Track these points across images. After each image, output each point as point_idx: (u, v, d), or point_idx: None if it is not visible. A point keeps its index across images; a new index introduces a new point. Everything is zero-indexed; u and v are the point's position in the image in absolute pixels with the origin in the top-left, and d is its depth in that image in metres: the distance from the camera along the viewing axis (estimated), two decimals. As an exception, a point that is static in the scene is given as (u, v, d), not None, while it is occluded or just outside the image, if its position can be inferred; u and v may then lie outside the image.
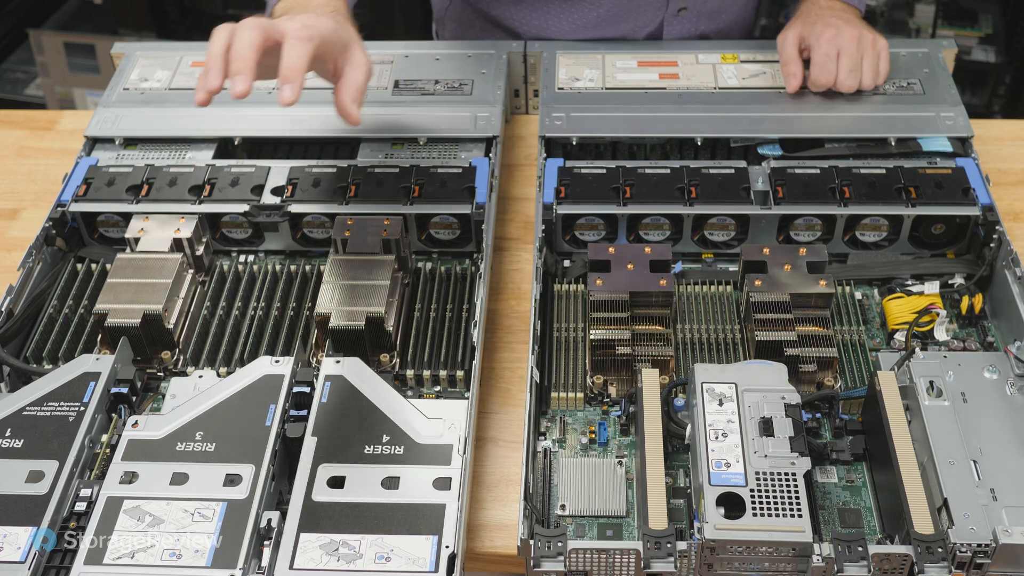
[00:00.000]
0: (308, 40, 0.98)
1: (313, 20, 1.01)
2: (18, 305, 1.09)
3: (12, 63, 2.93)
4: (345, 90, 1.03)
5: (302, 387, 0.97)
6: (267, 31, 0.98)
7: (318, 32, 1.00)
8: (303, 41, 0.97)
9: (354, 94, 1.03)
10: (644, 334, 1.04)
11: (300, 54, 0.97)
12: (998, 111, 2.55)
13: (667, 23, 1.41)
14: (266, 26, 0.98)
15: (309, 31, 0.99)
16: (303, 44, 0.97)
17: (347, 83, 1.04)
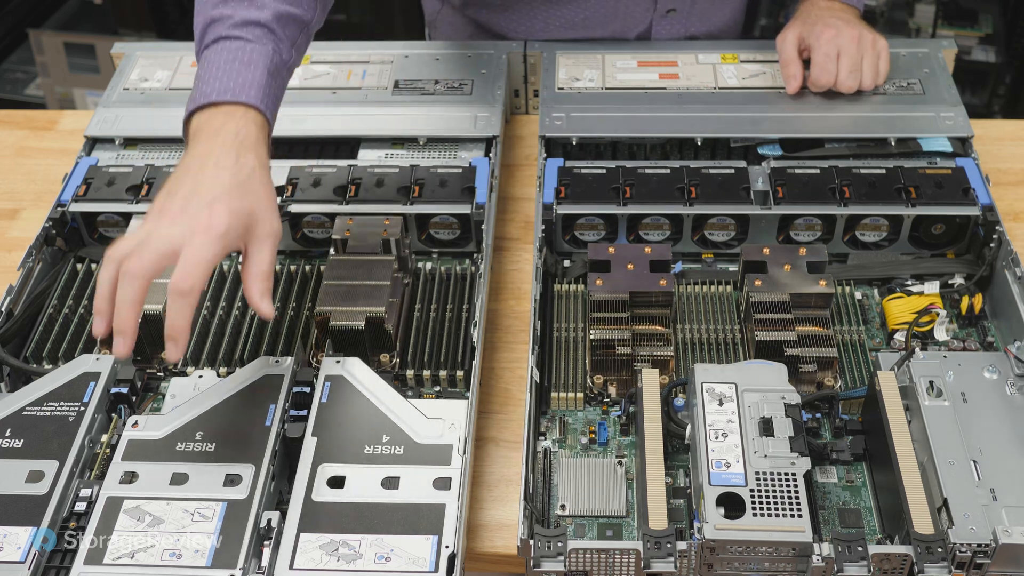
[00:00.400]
0: (190, 292, 0.84)
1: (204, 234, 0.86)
2: (18, 305, 1.09)
3: (12, 63, 2.93)
4: (251, 283, 0.89)
5: (302, 387, 0.97)
6: (148, 277, 0.85)
7: (206, 260, 0.85)
8: (183, 296, 0.84)
9: (261, 286, 0.89)
10: (644, 334, 1.04)
11: (182, 314, 0.85)
12: (998, 111, 2.55)
13: (656, 24, 1.41)
14: (148, 271, 0.85)
15: (191, 277, 0.84)
16: (183, 300, 0.84)
17: (251, 274, 0.89)
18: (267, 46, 0.99)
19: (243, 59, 0.97)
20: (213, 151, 0.91)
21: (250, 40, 0.98)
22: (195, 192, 0.88)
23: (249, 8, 0.99)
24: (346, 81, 1.34)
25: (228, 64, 0.96)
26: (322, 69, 1.36)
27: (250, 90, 0.95)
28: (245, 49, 0.97)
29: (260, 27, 0.99)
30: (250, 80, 0.95)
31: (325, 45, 1.41)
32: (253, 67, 0.96)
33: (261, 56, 0.97)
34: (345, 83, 1.34)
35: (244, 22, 0.98)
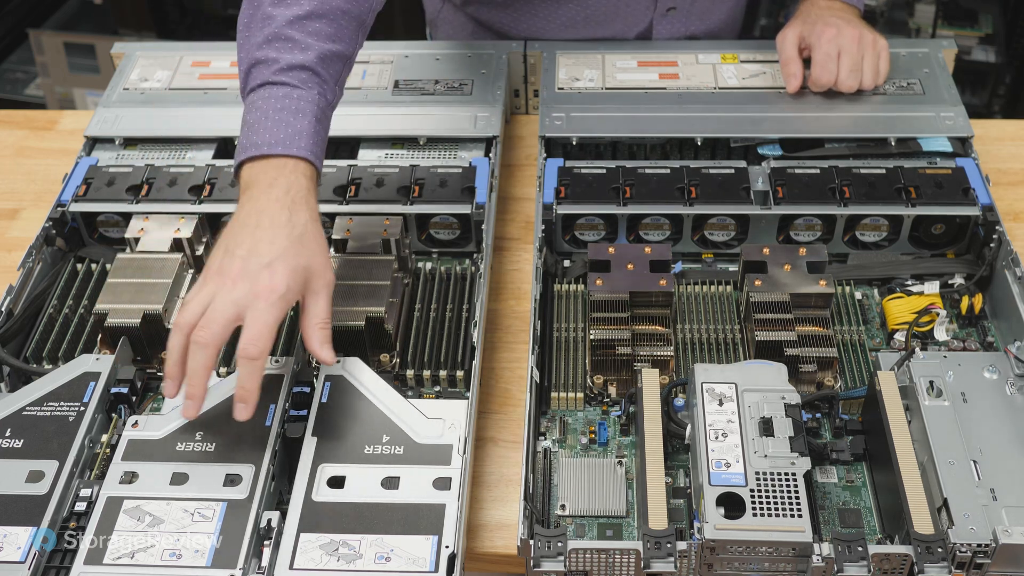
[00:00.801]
0: (259, 357, 0.88)
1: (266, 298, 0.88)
2: (18, 305, 1.09)
3: (12, 63, 2.93)
4: (311, 333, 0.92)
5: (302, 387, 0.97)
6: (218, 346, 0.88)
7: (270, 324, 0.88)
8: (253, 361, 0.88)
9: (320, 335, 0.92)
10: (644, 334, 1.04)
11: (252, 377, 0.88)
12: (998, 111, 2.55)
13: (656, 23, 1.41)
14: (217, 339, 0.88)
15: (258, 343, 0.87)
16: (253, 365, 0.88)
17: (310, 324, 0.92)
18: (313, 91, 0.98)
19: (291, 108, 0.97)
20: (268, 208, 0.92)
21: (297, 86, 0.98)
22: (253, 252, 0.90)
23: (294, 51, 0.99)
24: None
25: (277, 114, 0.96)
26: (322, 69, 1.36)
27: (300, 141, 0.96)
28: (292, 96, 0.97)
29: (305, 71, 0.98)
30: (299, 130, 0.96)
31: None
32: (301, 116, 0.97)
33: (308, 104, 0.98)
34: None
35: (290, 67, 0.98)
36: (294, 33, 0.99)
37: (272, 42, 0.99)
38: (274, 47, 0.99)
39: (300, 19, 0.99)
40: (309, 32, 0.99)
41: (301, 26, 0.99)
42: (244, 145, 0.97)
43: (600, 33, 1.42)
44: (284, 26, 0.99)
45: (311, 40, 0.99)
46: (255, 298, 0.88)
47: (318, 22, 1.00)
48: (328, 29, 1.01)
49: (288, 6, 1.00)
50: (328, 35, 1.00)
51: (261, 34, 0.99)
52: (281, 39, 0.99)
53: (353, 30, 1.03)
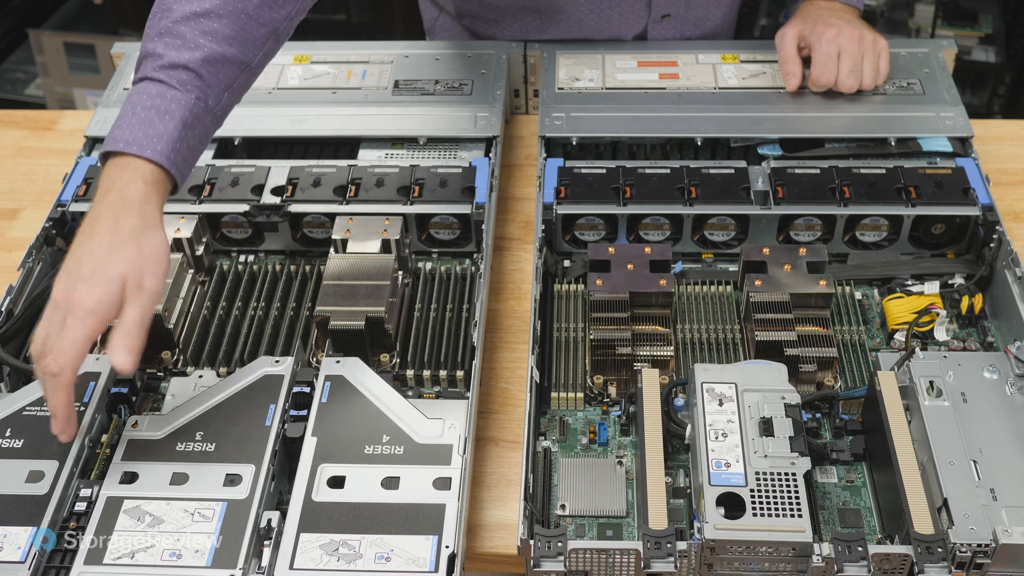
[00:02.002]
0: (60, 373, 0.85)
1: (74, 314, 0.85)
2: (18, 305, 1.09)
3: (12, 63, 2.93)
4: (111, 336, 0.87)
5: (302, 387, 0.97)
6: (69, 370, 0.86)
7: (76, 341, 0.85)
8: (54, 378, 0.85)
9: (120, 340, 0.86)
10: (644, 334, 1.04)
11: (57, 393, 0.86)
12: (998, 111, 2.55)
13: (651, 29, 1.41)
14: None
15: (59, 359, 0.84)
16: (55, 381, 0.85)
17: (114, 328, 0.87)
18: (190, 95, 0.94)
19: (159, 108, 0.93)
20: (100, 214, 0.89)
21: (173, 87, 0.94)
22: (78, 265, 0.88)
23: (180, 49, 0.94)
24: (346, 81, 1.34)
25: (144, 112, 0.92)
26: (322, 69, 1.36)
27: (157, 144, 0.92)
28: (165, 96, 0.93)
29: (187, 72, 0.94)
30: (160, 132, 0.92)
31: (325, 45, 1.41)
32: (168, 118, 0.93)
33: (179, 107, 0.93)
34: (345, 83, 1.34)
35: (172, 65, 0.94)
36: (186, 30, 0.95)
37: (163, 36, 0.95)
38: (163, 42, 0.95)
39: (196, 16, 0.95)
40: (203, 31, 0.95)
41: (196, 23, 0.95)
42: (108, 138, 0.93)
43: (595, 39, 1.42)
44: (178, 21, 0.95)
45: (202, 40, 0.95)
46: (68, 313, 0.85)
47: (216, 22, 0.96)
48: (226, 31, 0.96)
49: (189, 1, 0.96)
50: (225, 37, 0.96)
51: (157, 25, 0.96)
52: (171, 35, 0.95)
53: (260, 37, 0.99)
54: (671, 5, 1.39)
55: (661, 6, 1.38)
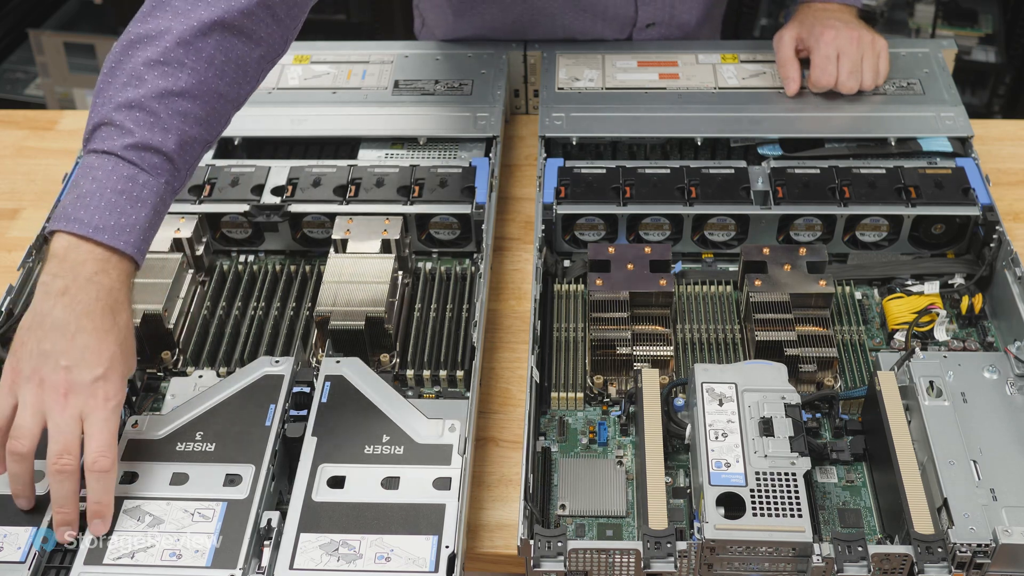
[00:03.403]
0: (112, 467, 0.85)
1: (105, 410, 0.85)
2: (18, 305, 1.09)
3: (12, 63, 2.93)
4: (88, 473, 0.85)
5: (302, 387, 0.97)
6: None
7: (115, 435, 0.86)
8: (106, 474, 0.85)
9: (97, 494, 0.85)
10: (644, 334, 1.04)
11: (108, 489, 0.85)
12: (998, 111, 2.55)
13: (636, 36, 1.41)
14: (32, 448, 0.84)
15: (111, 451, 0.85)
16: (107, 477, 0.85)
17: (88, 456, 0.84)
18: (161, 179, 0.89)
19: (132, 193, 0.88)
20: (91, 310, 0.85)
21: (145, 170, 0.89)
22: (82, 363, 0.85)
23: (154, 129, 0.88)
24: (346, 81, 1.34)
25: (115, 195, 0.87)
26: (322, 69, 1.36)
27: (130, 236, 0.87)
28: (137, 181, 0.88)
29: (160, 156, 0.89)
30: (133, 222, 0.88)
31: (325, 45, 1.41)
32: (140, 206, 0.88)
33: (151, 193, 0.89)
34: (345, 83, 1.34)
35: (144, 146, 0.88)
36: (160, 109, 0.89)
37: (132, 109, 0.88)
38: (133, 116, 0.88)
39: (172, 95, 0.89)
40: (176, 112, 0.89)
41: (171, 103, 0.89)
42: (68, 215, 0.87)
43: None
44: (151, 97, 0.89)
45: (176, 122, 0.89)
46: (92, 411, 0.84)
47: (190, 103, 0.90)
48: (199, 112, 0.91)
49: (164, 76, 0.89)
50: (197, 118, 0.91)
51: (124, 94, 0.89)
52: (143, 110, 0.88)
53: (226, 114, 0.95)
54: (656, 13, 1.39)
55: (647, 14, 1.38)
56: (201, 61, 0.91)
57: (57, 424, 0.84)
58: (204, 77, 0.91)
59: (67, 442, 0.83)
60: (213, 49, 0.92)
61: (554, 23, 1.39)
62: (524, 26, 1.40)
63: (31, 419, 0.84)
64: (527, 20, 1.39)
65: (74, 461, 0.84)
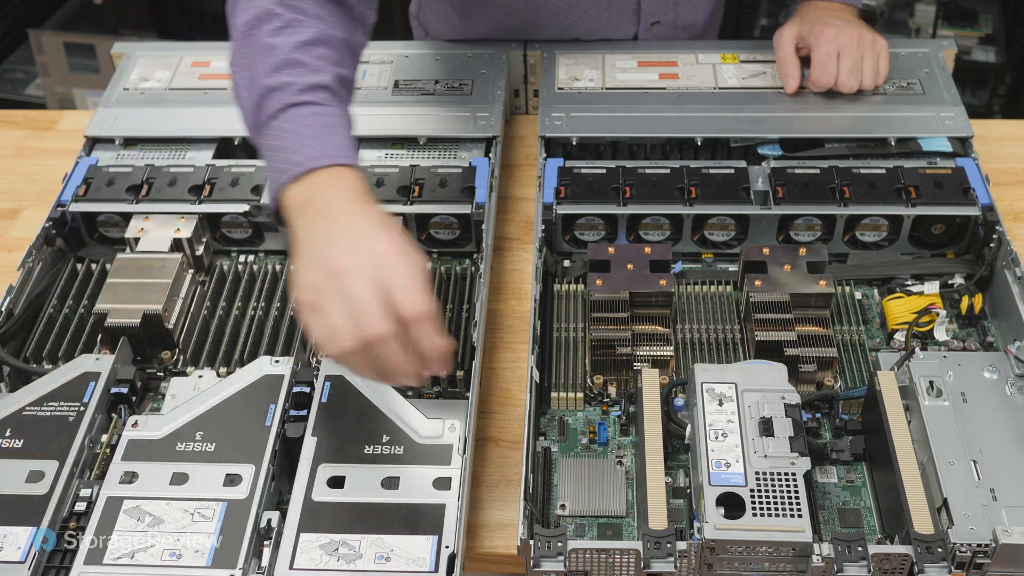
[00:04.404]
0: (427, 311, 0.80)
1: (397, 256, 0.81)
2: (18, 305, 1.09)
3: (12, 63, 2.93)
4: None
5: (302, 387, 0.97)
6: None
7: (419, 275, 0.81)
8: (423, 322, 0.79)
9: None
10: (644, 334, 1.04)
11: (432, 335, 0.80)
12: (998, 111, 2.55)
13: (641, 36, 1.41)
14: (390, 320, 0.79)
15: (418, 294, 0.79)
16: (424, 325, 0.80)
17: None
18: (336, 108, 0.94)
19: (323, 123, 0.91)
20: (344, 209, 0.85)
21: (322, 103, 0.93)
22: (345, 234, 0.83)
23: (307, 74, 0.93)
24: (346, 81, 1.34)
25: (309, 129, 0.90)
26: (322, 69, 1.36)
27: (343, 152, 0.90)
28: (320, 113, 0.92)
29: (326, 90, 0.94)
30: (337, 143, 0.91)
31: (325, 45, 1.41)
32: (336, 129, 0.92)
33: (338, 119, 0.93)
34: (345, 83, 1.34)
35: (309, 87, 0.93)
36: (303, 57, 0.94)
37: (282, 68, 0.93)
38: (285, 73, 0.93)
39: (305, 45, 0.95)
40: (317, 56, 0.95)
41: (308, 51, 0.95)
42: (280, 168, 0.89)
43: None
44: (291, 51, 0.94)
45: (321, 63, 0.95)
46: (381, 259, 0.80)
47: (323, 48, 0.96)
48: (334, 55, 0.97)
49: (289, 34, 0.95)
50: (334, 60, 0.96)
51: (267, 63, 0.94)
52: (291, 64, 0.94)
53: (352, 59, 1.00)
54: (661, 12, 1.39)
55: (651, 13, 1.38)
56: (309, 17, 0.97)
57: (356, 299, 0.79)
58: (319, 28, 0.96)
59: (365, 310, 0.78)
60: (314, 7, 0.98)
61: (559, 23, 1.39)
62: (529, 27, 1.40)
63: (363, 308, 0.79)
64: (532, 21, 1.39)
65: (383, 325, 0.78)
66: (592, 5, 1.36)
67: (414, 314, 0.79)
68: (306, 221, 0.86)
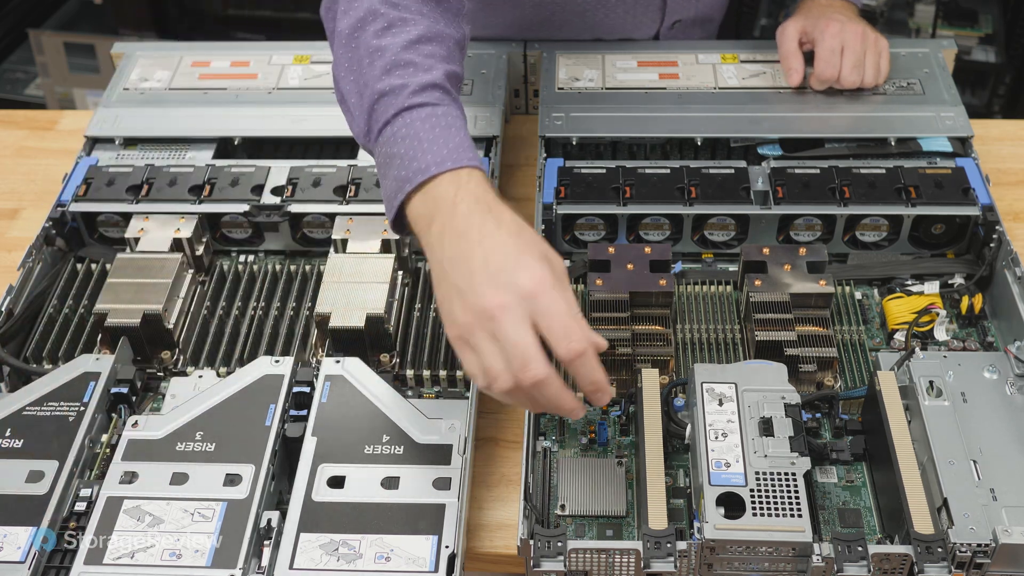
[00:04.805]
0: (582, 348, 0.78)
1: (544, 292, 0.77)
2: (18, 305, 1.09)
3: (12, 63, 2.93)
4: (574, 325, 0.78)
5: (302, 387, 0.97)
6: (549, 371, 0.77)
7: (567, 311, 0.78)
8: (581, 357, 0.78)
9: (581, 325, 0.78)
10: (644, 334, 1.04)
11: (593, 369, 0.79)
12: (998, 111, 2.55)
13: (663, 35, 1.42)
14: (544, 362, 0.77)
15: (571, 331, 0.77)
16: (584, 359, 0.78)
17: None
18: (451, 107, 0.92)
19: (441, 124, 0.89)
20: (469, 225, 0.82)
21: (436, 104, 0.91)
22: (487, 266, 0.79)
23: (418, 73, 0.92)
24: (346, 81, 1.34)
25: (428, 133, 0.88)
26: (322, 69, 1.36)
27: (465, 153, 0.88)
28: (436, 114, 0.90)
29: (438, 89, 0.92)
30: (459, 143, 0.88)
31: (325, 45, 1.40)
32: (454, 130, 0.89)
33: (455, 118, 0.91)
34: (345, 83, 1.34)
35: (421, 87, 0.91)
36: (413, 56, 0.93)
37: (393, 70, 0.92)
38: (396, 75, 0.91)
39: (414, 43, 0.94)
40: (426, 55, 0.94)
41: (417, 50, 0.94)
42: (404, 177, 0.87)
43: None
44: (401, 51, 0.93)
45: (431, 61, 0.93)
46: (531, 299, 0.77)
47: (430, 45, 0.95)
48: (441, 51, 0.95)
49: (395, 34, 0.94)
50: (443, 56, 0.95)
51: (376, 67, 0.92)
52: (401, 65, 0.92)
53: (460, 52, 0.99)
54: (682, 10, 1.39)
55: (676, 10, 1.39)
56: (414, 14, 0.96)
57: (508, 339, 0.77)
58: (425, 24, 0.96)
59: (519, 353, 0.76)
60: (416, 3, 0.97)
61: (584, 20, 1.39)
62: (553, 24, 1.40)
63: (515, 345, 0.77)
64: (557, 18, 1.39)
65: (539, 368, 0.77)
66: (619, 1, 1.36)
67: (571, 356, 0.77)
68: (439, 241, 0.83)
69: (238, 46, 1.43)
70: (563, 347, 0.77)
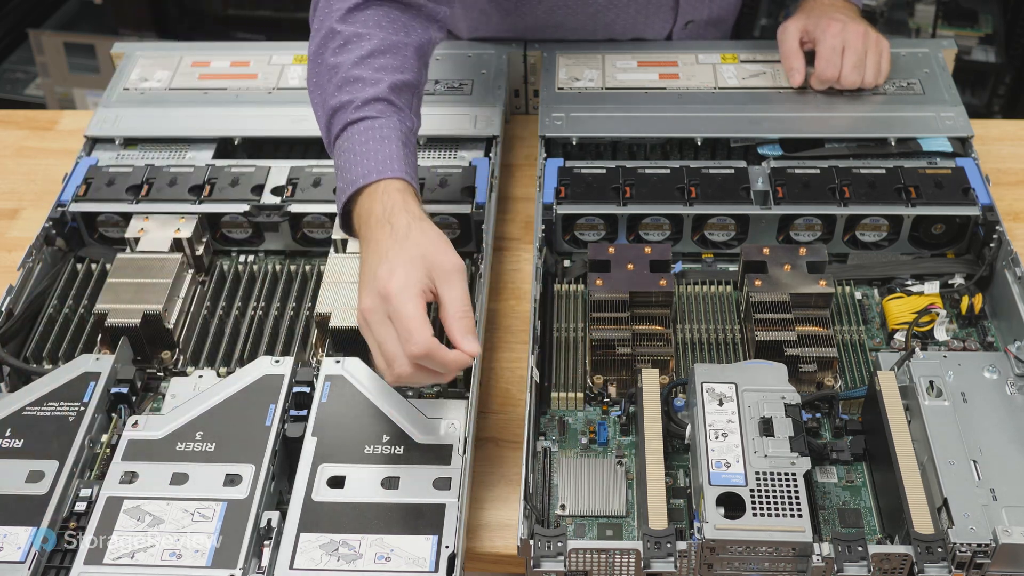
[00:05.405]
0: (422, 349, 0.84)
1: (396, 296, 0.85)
2: (18, 305, 1.09)
3: (12, 63, 2.92)
4: (452, 325, 0.86)
5: (302, 387, 0.97)
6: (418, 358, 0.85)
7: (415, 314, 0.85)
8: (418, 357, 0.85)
9: (460, 325, 0.86)
10: (644, 334, 1.04)
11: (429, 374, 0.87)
12: (998, 111, 2.55)
13: (676, 36, 1.42)
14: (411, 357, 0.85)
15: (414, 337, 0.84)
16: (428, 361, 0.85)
17: (448, 316, 0.86)
18: (392, 118, 0.99)
19: (375, 137, 0.97)
20: (373, 236, 0.92)
21: (376, 116, 0.99)
22: (368, 273, 0.89)
23: (365, 88, 1.00)
24: (346, 81, 1.34)
25: (363, 147, 0.97)
26: (322, 69, 1.36)
27: (392, 164, 0.96)
28: (374, 127, 0.98)
29: (381, 102, 1.00)
30: (388, 155, 0.96)
31: (325, 45, 1.41)
32: (387, 142, 0.97)
33: (391, 130, 0.98)
34: (345, 83, 1.34)
35: (365, 101, 0.99)
36: (362, 72, 1.00)
37: (343, 87, 1.00)
38: (346, 91, 1.00)
39: (364, 59, 1.01)
40: (376, 68, 1.01)
41: (366, 64, 1.01)
42: (342, 188, 0.97)
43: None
44: (351, 68, 1.00)
45: (380, 75, 1.01)
46: (385, 302, 0.86)
47: (382, 58, 1.02)
48: (393, 62, 1.02)
49: (350, 51, 1.01)
50: (394, 67, 1.02)
51: (331, 84, 1.01)
52: (350, 81, 1.00)
53: (416, 60, 1.05)
54: (695, 10, 1.39)
55: (688, 10, 1.39)
56: (371, 28, 1.03)
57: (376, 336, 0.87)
58: (380, 37, 1.03)
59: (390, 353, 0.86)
60: (372, 15, 1.04)
61: (596, 21, 1.39)
62: (565, 25, 1.40)
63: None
64: (570, 19, 1.39)
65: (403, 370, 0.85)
66: (631, 2, 1.36)
67: (418, 356, 0.84)
68: (361, 246, 0.94)
69: (238, 46, 1.43)
70: (410, 348, 0.84)
